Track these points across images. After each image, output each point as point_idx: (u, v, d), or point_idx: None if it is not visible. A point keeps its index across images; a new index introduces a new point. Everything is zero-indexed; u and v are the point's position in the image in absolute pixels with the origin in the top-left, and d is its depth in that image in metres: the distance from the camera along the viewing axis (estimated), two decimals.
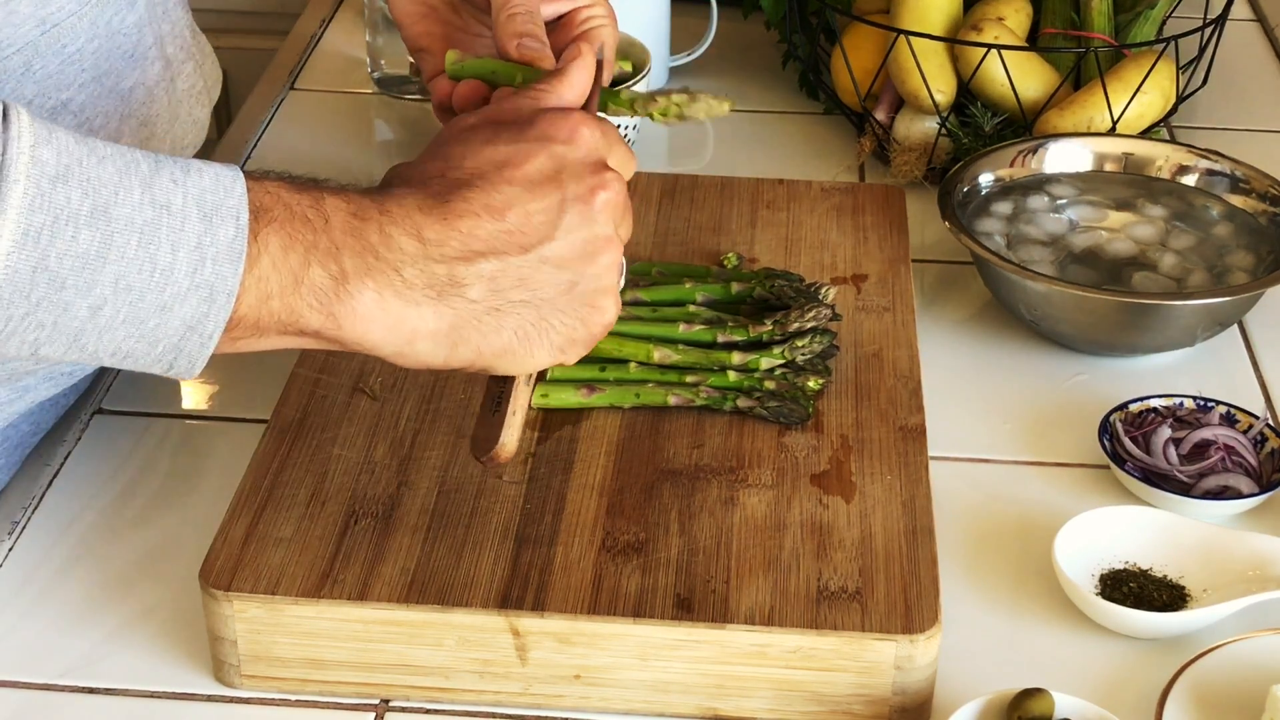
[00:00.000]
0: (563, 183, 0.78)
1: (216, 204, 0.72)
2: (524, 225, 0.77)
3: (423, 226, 0.76)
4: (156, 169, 0.72)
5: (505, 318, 0.77)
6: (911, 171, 1.31)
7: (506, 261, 0.77)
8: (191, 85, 1.02)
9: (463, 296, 0.76)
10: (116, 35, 0.93)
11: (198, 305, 0.72)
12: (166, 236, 0.71)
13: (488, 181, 0.78)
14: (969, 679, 0.87)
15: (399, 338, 0.76)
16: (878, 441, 0.96)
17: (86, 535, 0.97)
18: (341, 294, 0.74)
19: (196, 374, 0.75)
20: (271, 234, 0.73)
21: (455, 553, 0.87)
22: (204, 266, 0.72)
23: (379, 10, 1.46)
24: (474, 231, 0.77)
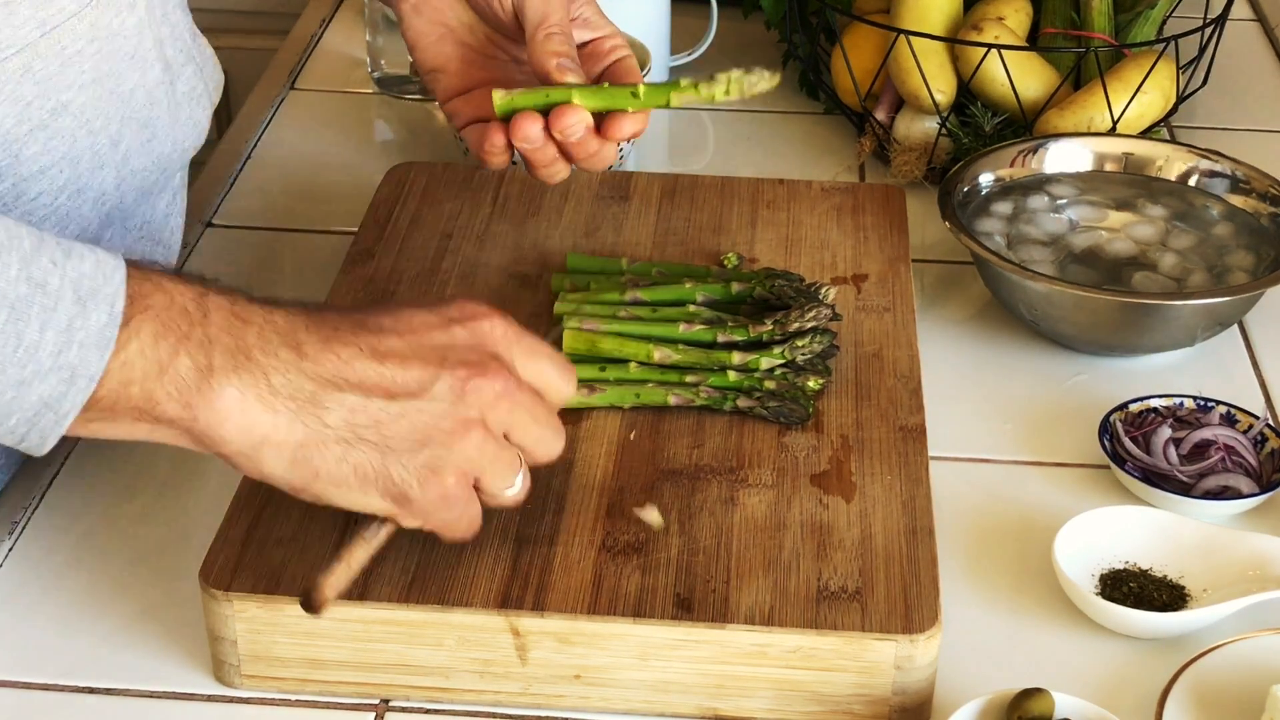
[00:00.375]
0: (445, 358, 0.80)
1: (94, 289, 0.74)
2: (397, 377, 0.79)
3: (304, 342, 0.78)
4: (39, 248, 0.73)
5: (351, 451, 0.78)
6: (911, 171, 1.31)
7: (369, 401, 0.78)
8: (192, 88, 1.02)
9: (319, 419, 0.77)
10: (116, 37, 0.93)
11: (56, 385, 0.73)
12: (38, 315, 0.72)
13: (380, 330, 0.80)
14: (969, 679, 0.87)
15: (249, 440, 0.77)
16: (878, 441, 0.96)
17: (86, 535, 0.97)
18: (204, 387, 0.75)
19: (46, 450, 0.76)
20: (145, 321, 0.75)
21: (455, 552, 0.87)
22: (70, 349, 0.73)
23: (379, 10, 1.46)
24: (351, 363, 0.78)
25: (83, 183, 0.92)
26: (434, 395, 0.79)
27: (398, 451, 0.79)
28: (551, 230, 1.15)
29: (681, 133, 1.44)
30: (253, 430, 0.77)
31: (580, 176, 1.20)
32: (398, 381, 0.79)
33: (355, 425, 0.78)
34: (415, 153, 1.40)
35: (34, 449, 0.76)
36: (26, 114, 0.88)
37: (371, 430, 0.78)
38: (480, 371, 0.80)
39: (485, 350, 0.81)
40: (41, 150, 0.89)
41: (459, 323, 0.81)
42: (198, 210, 1.28)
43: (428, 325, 0.81)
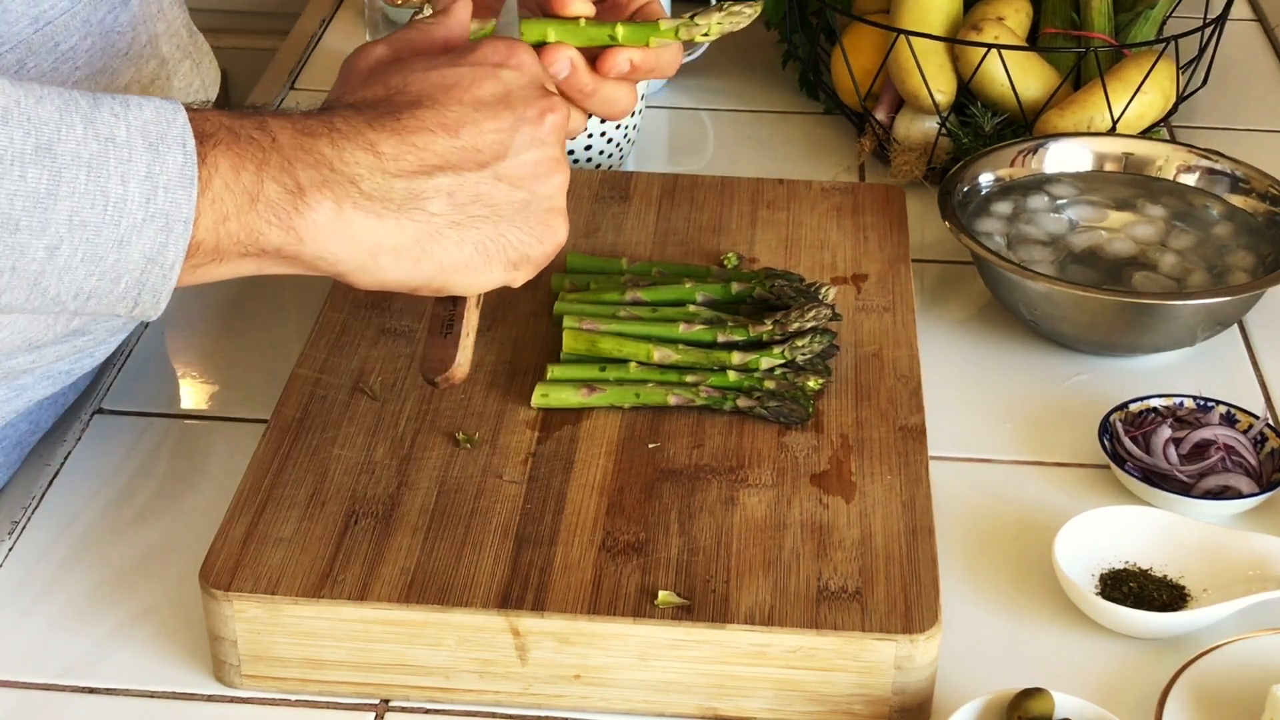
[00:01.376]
0: (513, 104, 0.79)
1: (161, 133, 0.72)
2: (478, 143, 0.78)
3: (376, 142, 0.76)
4: (96, 105, 0.72)
5: (466, 231, 0.78)
6: (911, 171, 1.31)
7: (463, 177, 0.77)
8: (188, 84, 1.02)
9: (424, 210, 0.76)
10: (110, 33, 0.93)
11: (155, 235, 0.72)
12: (115, 168, 0.71)
13: (438, 102, 0.78)
14: (969, 679, 0.87)
15: (361, 251, 0.76)
16: (878, 441, 0.96)
17: (86, 535, 0.97)
18: (300, 206, 0.74)
19: (161, 310, 0.74)
20: (220, 156, 0.73)
21: (455, 553, 0.87)
22: (156, 195, 0.71)
23: (379, 10, 1.46)
24: (430, 146, 0.77)
25: None
26: (518, 147, 0.79)
27: (508, 216, 0.78)
28: None
29: (681, 133, 1.44)
30: (363, 240, 0.75)
31: (580, 176, 1.20)
32: (480, 146, 0.78)
33: (460, 204, 0.77)
34: None
35: (148, 311, 0.74)
36: None
37: (476, 205, 0.78)
38: (549, 107, 0.80)
39: (537, 84, 0.81)
40: None
41: (504, 65, 0.81)
42: None
43: (477, 79, 0.80)
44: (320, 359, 1.01)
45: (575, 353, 1.00)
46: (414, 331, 1.04)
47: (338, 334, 1.04)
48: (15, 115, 0.69)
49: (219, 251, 0.74)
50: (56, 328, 0.94)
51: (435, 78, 0.79)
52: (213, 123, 0.74)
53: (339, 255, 0.75)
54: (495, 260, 0.79)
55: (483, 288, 0.80)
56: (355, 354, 1.02)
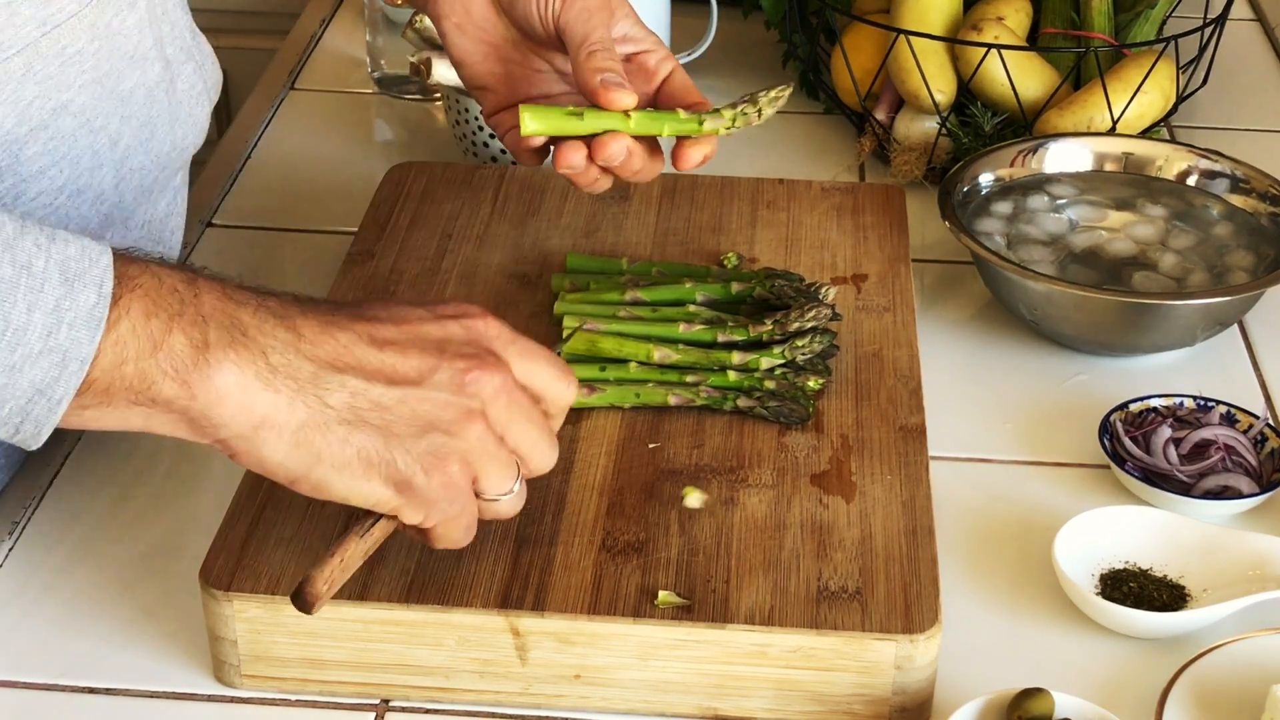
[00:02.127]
0: (444, 350, 0.79)
1: (80, 271, 0.73)
2: (397, 365, 0.78)
3: (301, 325, 0.77)
4: (21, 233, 0.73)
5: (354, 432, 0.77)
6: (911, 171, 1.31)
7: (371, 385, 0.77)
8: (191, 86, 1.02)
9: (320, 399, 0.76)
10: (116, 36, 0.93)
11: (49, 369, 0.72)
12: (24, 296, 0.71)
13: (379, 321, 0.79)
14: (969, 679, 0.87)
15: (248, 421, 0.75)
16: (878, 441, 0.96)
17: (86, 535, 0.97)
18: (200, 363, 0.74)
19: (40, 442, 0.75)
20: (135, 300, 0.74)
21: (455, 553, 0.87)
22: (60, 330, 0.72)
23: (379, 10, 1.46)
24: (349, 347, 0.78)
25: (82, 182, 0.92)
26: (434, 384, 0.78)
27: (401, 437, 0.78)
28: (551, 230, 1.15)
29: None
30: (252, 410, 0.75)
31: None
32: (398, 369, 0.78)
33: (357, 408, 0.77)
34: (415, 153, 1.40)
35: (28, 441, 0.75)
36: (27, 114, 0.88)
37: (374, 414, 0.77)
38: (479, 364, 0.79)
39: (482, 346, 0.81)
40: (42, 150, 0.89)
41: (454, 319, 0.81)
42: (198, 210, 1.28)
43: (422, 319, 0.81)
44: None
45: (575, 353, 1.00)
46: None
47: None
48: None
49: (109, 394, 0.74)
50: None
51: (395, 308, 0.81)
52: (138, 267, 0.75)
53: (225, 420, 0.75)
54: (375, 471, 0.77)
55: (364, 499, 0.79)
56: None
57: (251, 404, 0.75)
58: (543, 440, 0.82)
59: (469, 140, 1.31)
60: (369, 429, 0.77)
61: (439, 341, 0.80)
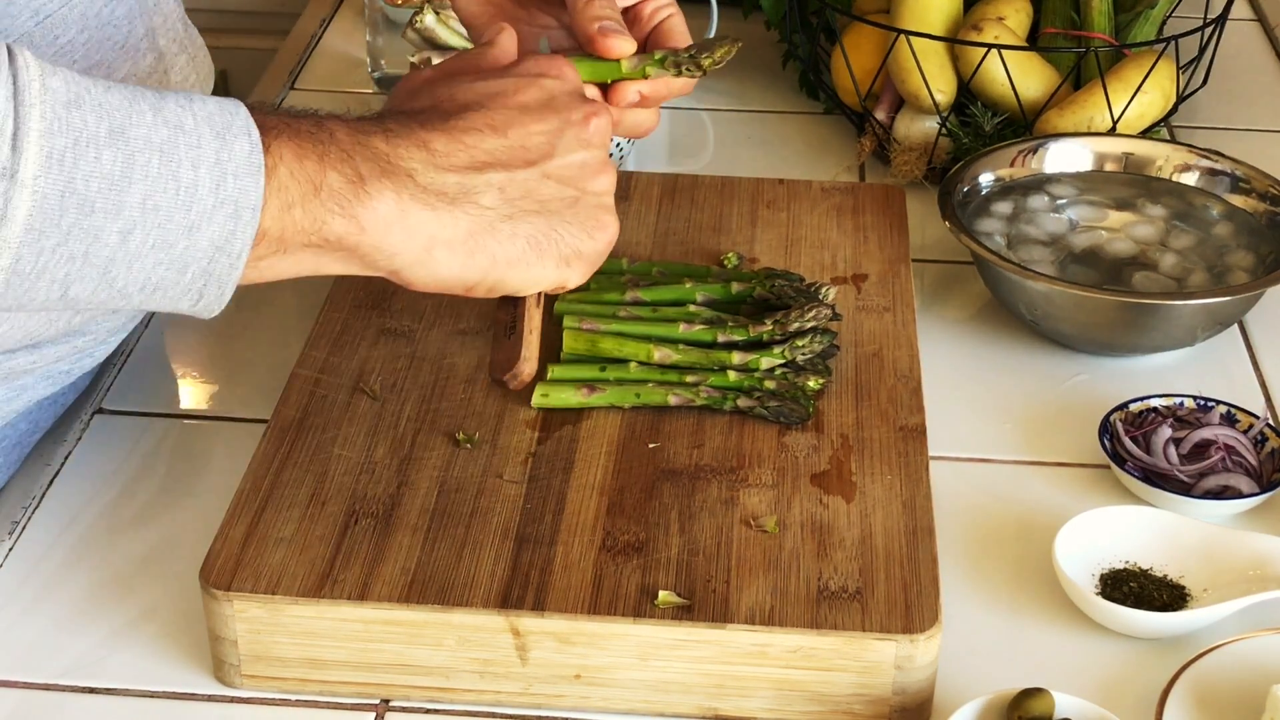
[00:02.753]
0: (557, 109, 0.81)
1: (226, 124, 0.73)
2: (525, 142, 0.80)
3: (429, 140, 0.78)
4: (162, 96, 0.73)
5: (518, 224, 0.79)
6: (911, 171, 1.31)
7: (513, 174, 0.79)
8: (185, 78, 1.03)
9: (476, 204, 0.78)
10: (107, 26, 0.93)
11: (224, 223, 0.72)
12: (185, 154, 0.71)
13: (485, 106, 0.80)
14: (969, 679, 0.87)
15: (418, 243, 0.77)
16: (878, 441, 0.96)
17: (86, 535, 0.97)
18: (361, 195, 0.75)
19: (225, 303, 0.75)
20: (284, 146, 0.74)
21: (455, 553, 0.87)
22: (226, 181, 0.72)
23: (379, 10, 1.46)
24: (479, 144, 0.79)
25: None
26: (564, 147, 0.81)
27: (558, 212, 0.80)
28: None
29: (681, 133, 1.44)
30: (420, 232, 0.77)
31: None
32: (528, 146, 0.80)
33: (511, 199, 0.79)
34: None
35: (211, 305, 0.75)
36: None
37: (527, 200, 0.79)
38: (594, 111, 0.82)
39: (579, 91, 0.83)
40: None
41: (544, 75, 0.83)
42: None
43: (520, 87, 0.82)
44: (320, 359, 1.01)
45: (575, 353, 1.00)
46: (414, 332, 1.04)
47: (338, 334, 1.04)
48: (87, 101, 0.69)
49: (283, 241, 0.74)
50: (58, 324, 0.94)
51: (481, 87, 0.82)
52: (272, 118, 0.75)
53: (396, 246, 0.77)
54: (548, 254, 0.80)
55: (537, 284, 0.81)
56: (355, 354, 1.02)
57: (417, 226, 0.77)
58: None
59: None
60: (530, 215, 0.80)
61: (547, 101, 0.82)
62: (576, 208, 0.81)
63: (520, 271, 0.80)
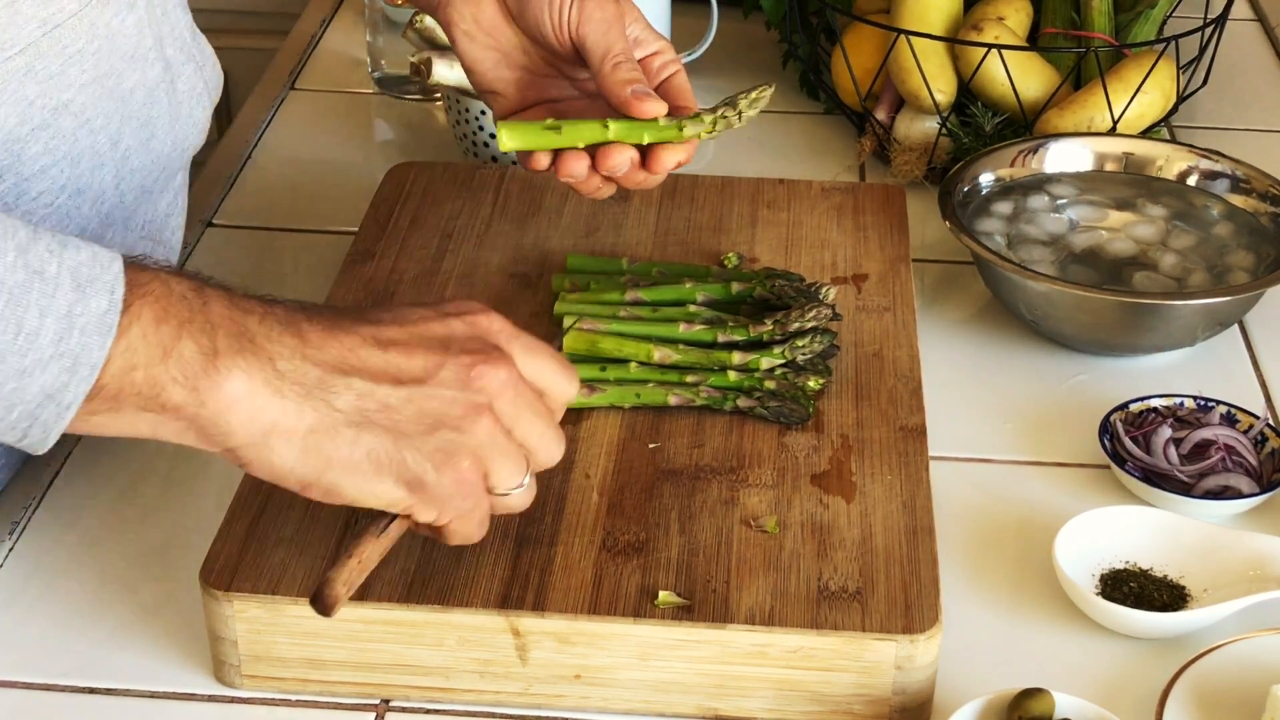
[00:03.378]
0: (449, 347, 0.80)
1: (92, 276, 0.73)
2: (401, 364, 0.78)
3: (306, 330, 0.77)
4: (34, 239, 0.73)
5: (363, 434, 0.77)
6: (912, 171, 1.31)
7: (377, 386, 0.78)
8: (192, 87, 1.03)
9: (328, 403, 0.77)
10: (116, 36, 0.93)
11: (58, 374, 0.73)
12: (36, 301, 0.72)
13: (380, 322, 0.80)
14: (969, 679, 0.87)
15: (256, 427, 0.76)
16: (878, 441, 0.96)
17: (87, 535, 0.97)
18: (210, 370, 0.74)
19: (47, 447, 0.75)
20: (146, 306, 0.74)
21: (455, 553, 0.87)
22: (71, 335, 0.72)
23: (379, 10, 1.46)
24: (355, 350, 0.78)
25: (82, 182, 0.92)
26: (440, 381, 0.78)
27: (410, 436, 0.78)
28: (551, 230, 1.15)
29: None
30: (261, 417, 0.76)
31: None
32: (403, 368, 0.78)
33: (365, 410, 0.77)
34: (415, 153, 1.40)
35: (35, 446, 0.75)
36: (29, 113, 0.88)
37: (382, 415, 0.77)
38: (485, 359, 0.79)
39: (486, 341, 0.81)
40: (43, 150, 0.89)
41: (456, 316, 0.81)
42: (198, 210, 1.28)
43: (425, 318, 0.81)
44: None
45: (575, 353, 1.00)
46: None
47: None
48: None
49: (118, 400, 0.74)
50: None
51: (399, 310, 0.81)
52: (149, 274, 0.75)
53: (234, 427, 0.76)
54: (386, 472, 0.78)
55: (374, 499, 0.79)
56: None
57: (260, 410, 0.76)
58: (549, 433, 0.82)
59: (469, 140, 1.31)
60: (378, 429, 0.77)
61: (443, 339, 0.80)
62: (431, 436, 0.78)
63: (356, 481, 0.78)
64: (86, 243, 0.75)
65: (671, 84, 0.98)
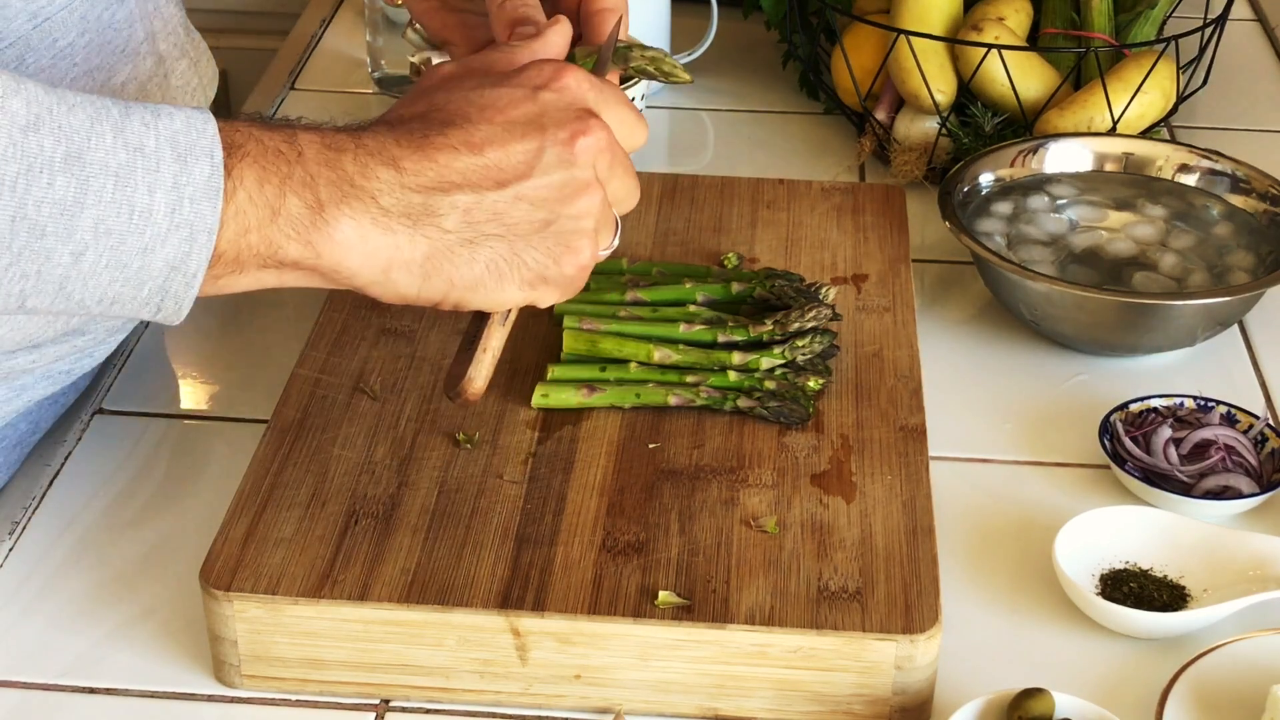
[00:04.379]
0: (544, 126, 0.79)
1: (190, 144, 0.73)
2: (501, 162, 0.78)
3: (400, 157, 0.77)
4: (127, 114, 0.73)
5: (478, 250, 0.78)
6: (911, 171, 1.31)
7: (482, 195, 0.78)
8: (186, 82, 1.02)
9: (438, 226, 0.77)
10: (107, 30, 0.93)
11: (179, 245, 0.73)
12: (143, 178, 0.71)
13: (469, 120, 0.79)
14: (969, 679, 0.87)
15: (375, 265, 0.77)
16: (878, 441, 0.96)
17: (86, 535, 0.97)
18: (318, 222, 0.75)
19: (183, 316, 0.75)
20: (246, 169, 0.74)
21: (455, 553, 0.87)
22: (182, 206, 0.72)
23: (379, 10, 1.46)
24: (451, 164, 0.78)
25: None
26: (544, 167, 0.79)
27: (526, 236, 0.79)
28: None
29: (681, 133, 1.44)
30: (377, 255, 0.76)
31: None
32: (503, 166, 0.78)
33: (474, 223, 0.78)
34: None
35: (170, 317, 0.75)
36: None
37: (493, 223, 0.78)
38: (583, 129, 0.80)
39: (578, 107, 0.81)
40: None
41: (544, 88, 0.81)
42: None
43: (514, 100, 0.80)
44: (320, 359, 1.01)
45: (575, 353, 1.00)
46: (414, 332, 1.04)
47: (338, 334, 1.04)
48: (47, 123, 0.69)
49: (239, 262, 0.75)
50: (57, 325, 0.94)
51: (474, 97, 0.80)
52: (242, 133, 0.75)
53: (354, 269, 0.77)
54: (508, 279, 0.79)
55: (500, 305, 0.81)
56: (355, 354, 1.02)
57: (375, 250, 0.76)
58: (632, 185, 0.84)
59: None
60: (492, 239, 0.78)
61: (536, 118, 0.80)
62: (546, 232, 0.79)
63: (481, 294, 0.79)
64: (179, 108, 0.74)
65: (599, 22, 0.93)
